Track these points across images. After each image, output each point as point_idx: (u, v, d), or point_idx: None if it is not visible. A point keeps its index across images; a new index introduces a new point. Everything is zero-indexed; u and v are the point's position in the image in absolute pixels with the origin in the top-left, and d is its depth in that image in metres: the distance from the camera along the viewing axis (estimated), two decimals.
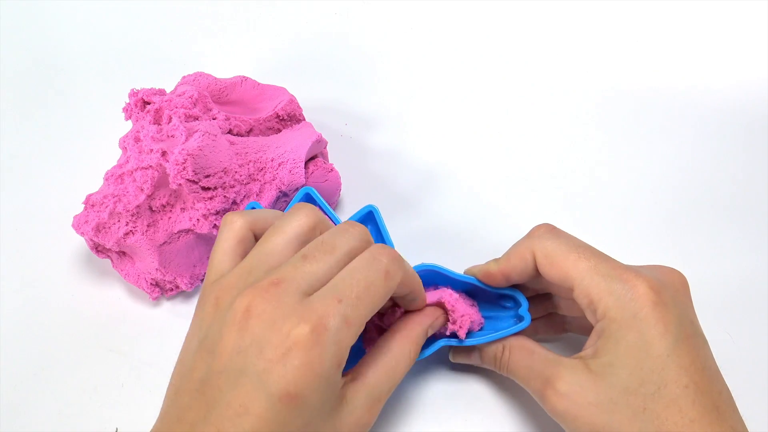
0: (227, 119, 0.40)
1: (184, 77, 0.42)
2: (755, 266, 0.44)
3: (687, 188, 0.48)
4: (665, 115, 0.53)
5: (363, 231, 0.28)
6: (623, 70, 0.55)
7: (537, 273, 0.32)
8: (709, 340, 0.43)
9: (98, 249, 0.39)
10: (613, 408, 0.27)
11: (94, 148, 0.49)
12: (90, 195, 0.38)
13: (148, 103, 0.39)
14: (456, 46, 0.57)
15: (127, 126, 0.44)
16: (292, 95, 0.44)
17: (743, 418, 0.38)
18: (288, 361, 0.22)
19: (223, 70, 0.49)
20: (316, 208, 0.29)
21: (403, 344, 0.29)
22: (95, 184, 0.43)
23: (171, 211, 0.38)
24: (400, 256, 0.28)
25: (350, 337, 0.24)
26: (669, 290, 0.29)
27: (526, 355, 0.31)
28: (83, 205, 0.38)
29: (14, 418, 0.37)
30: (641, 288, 0.28)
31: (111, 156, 0.44)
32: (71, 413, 0.37)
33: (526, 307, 0.34)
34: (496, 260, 0.33)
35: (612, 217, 0.47)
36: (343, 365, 0.25)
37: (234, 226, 0.28)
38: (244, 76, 0.45)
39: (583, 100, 0.53)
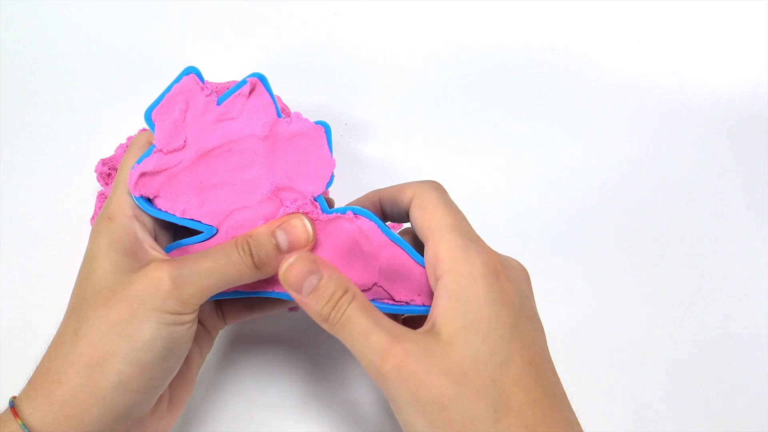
0: None
1: None
2: (755, 266, 0.44)
3: (686, 187, 0.48)
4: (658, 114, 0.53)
5: None
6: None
7: (406, 216, 0.32)
8: (709, 340, 0.43)
9: None
10: (464, 378, 0.25)
11: (91, 148, 0.48)
12: None
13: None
14: (456, 45, 0.57)
15: (125, 132, 0.45)
16: (285, 105, 0.44)
17: (742, 418, 0.38)
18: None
19: (222, 71, 0.49)
20: None
21: (226, 247, 0.29)
22: (94, 183, 0.44)
23: None
24: None
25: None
26: (513, 272, 0.29)
27: (367, 315, 0.27)
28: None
29: None
30: (489, 255, 0.28)
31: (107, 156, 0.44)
32: None
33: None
34: (384, 188, 0.33)
35: (616, 223, 0.47)
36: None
37: None
38: (236, 81, 0.45)
39: (578, 101, 0.53)
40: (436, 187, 0.31)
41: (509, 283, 0.27)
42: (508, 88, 0.54)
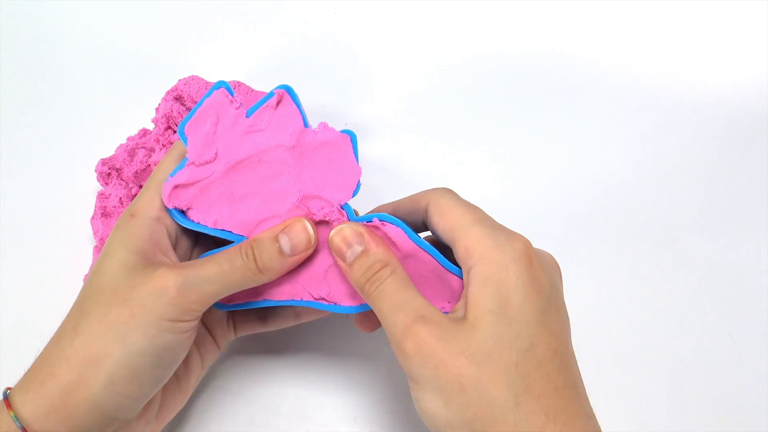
0: None
1: (179, 80, 0.42)
2: (756, 266, 0.44)
3: (687, 187, 0.48)
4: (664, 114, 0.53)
5: None
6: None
7: (423, 225, 0.32)
8: (709, 340, 0.43)
9: None
10: (486, 361, 0.25)
11: (91, 148, 0.49)
12: None
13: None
14: (456, 45, 0.57)
15: (125, 132, 0.45)
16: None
17: (742, 418, 0.38)
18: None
19: (222, 71, 0.49)
20: None
21: (231, 253, 0.29)
22: (94, 183, 0.44)
23: None
24: None
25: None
26: (544, 260, 0.29)
27: (401, 292, 0.27)
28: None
29: None
30: (521, 242, 0.27)
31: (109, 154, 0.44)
32: None
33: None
34: (396, 201, 0.33)
35: (616, 223, 0.47)
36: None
37: None
38: (238, 81, 0.45)
39: (579, 101, 0.53)
40: (449, 191, 0.31)
41: (541, 269, 0.27)
42: (509, 88, 0.54)
